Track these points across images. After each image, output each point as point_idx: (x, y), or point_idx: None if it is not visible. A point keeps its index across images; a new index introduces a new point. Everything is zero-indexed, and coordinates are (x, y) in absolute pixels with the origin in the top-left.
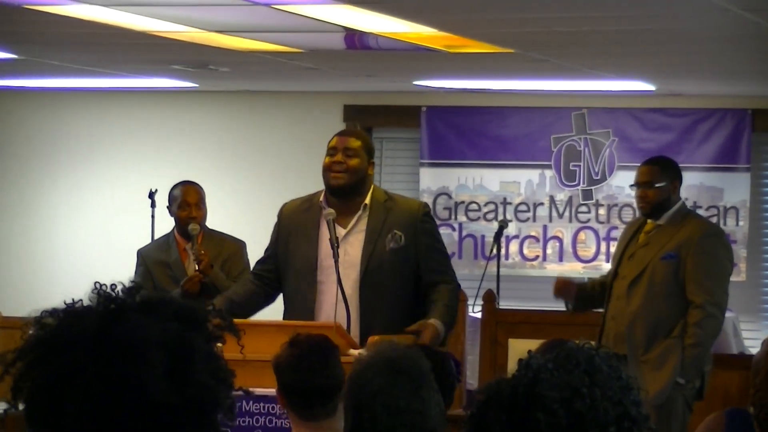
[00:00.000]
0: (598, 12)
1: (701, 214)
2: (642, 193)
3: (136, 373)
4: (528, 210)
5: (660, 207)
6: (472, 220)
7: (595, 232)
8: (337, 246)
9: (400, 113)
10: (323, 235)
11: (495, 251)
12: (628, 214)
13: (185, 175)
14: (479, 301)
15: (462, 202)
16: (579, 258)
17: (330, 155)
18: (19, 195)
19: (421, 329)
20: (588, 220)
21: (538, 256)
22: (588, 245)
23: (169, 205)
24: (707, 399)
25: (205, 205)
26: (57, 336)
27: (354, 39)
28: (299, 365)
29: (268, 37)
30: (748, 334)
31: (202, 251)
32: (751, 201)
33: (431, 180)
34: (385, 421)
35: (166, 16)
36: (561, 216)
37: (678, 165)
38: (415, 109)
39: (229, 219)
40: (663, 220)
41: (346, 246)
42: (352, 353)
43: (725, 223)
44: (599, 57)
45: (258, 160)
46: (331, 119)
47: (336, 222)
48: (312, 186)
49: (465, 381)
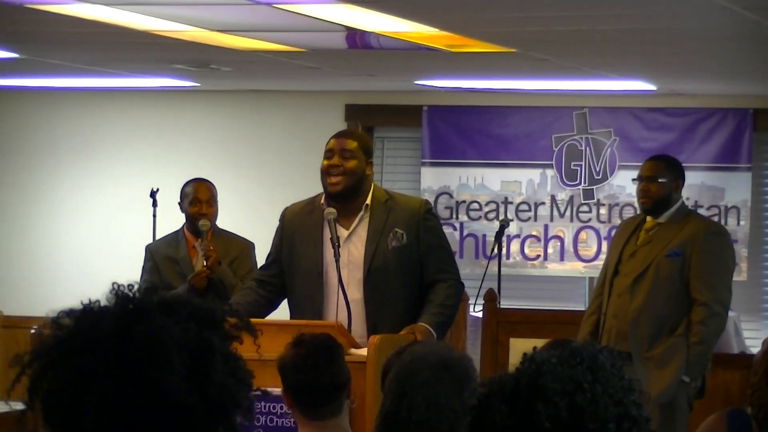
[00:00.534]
0: (599, 11)
1: (702, 213)
2: (644, 187)
3: (156, 375)
4: (529, 209)
5: (661, 203)
6: (473, 219)
7: (597, 231)
8: (338, 245)
9: (401, 113)
10: (327, 237)
11: (496, 251)
12: (629, 213)
13: (187, 175)
14: (480, 301)
15: (463, 201)
16: (580, 257)
17: (327, 158)
18: (21, 194)
19: (411, 333)
20: (589, 219)
21: (539, 255)
22: (589, 245)
23: (181, 201)
24: (708, 398)
25: (217, 204)
26: (75, 337)
27: (355, 38)
28: (305, 365)
29: (269, 37)
30: (749, 333)
31: (210, 247)
32: (753, 200)
33: (432, 179)
34: (423, 413)
35: (167, 15)
36: (562, 215)
37: (682, 166)
38: (417, 109)
39: (231, 218)
40: (664, 218)
41: (349, 247)
42: (353, 353)
43: (726, 223)
44: (600, 56)
45: (259, 159)
46: (333, 119)
47: (338, 223)
48: (313, 185)
49: None
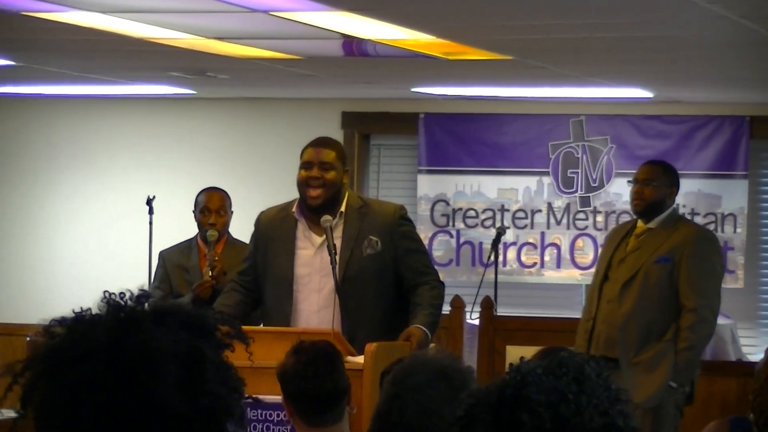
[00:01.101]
0: (596, 19)
1: (699, 221)
2: (639, 189)
3: (148, 385)
4: (526, 217)
5: (653, 208)
6: (469, 226)
7: (593, 239)
8: (335, 253)
9: (397, 120)
10: (299, 245)
11: (493, 258)
12: (626, 220)
13: (183, 183)
14: (477, 308)
15: (460, 208)
16: (577, 265)
17: (305, 169)
18: (17, 201)
19: (407, 337)
20: (586, 227)
21: (535, 263)
22: (586, 252)
23: (194, 209)
24: (704, 405)
25: (229, 212)
26: (68, 346)
27: (352, 46)
28: (306, 372)
29: (266, 44)
30: (745, 341)
31: (216, 257)
32: (749, 208)
33: (429, 187)
34: (413, 417)
35: (164, 23)
36: (559, 223)
37: (678, 174)
38: (413, 116)
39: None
40: (654, 223)
41: (321, 254)
42: (350, 360)
43: (723, 230)
44: (597, 64)
45: (256, 166)
46: (329, 126)
47: (311, 231)
48: None
49: None
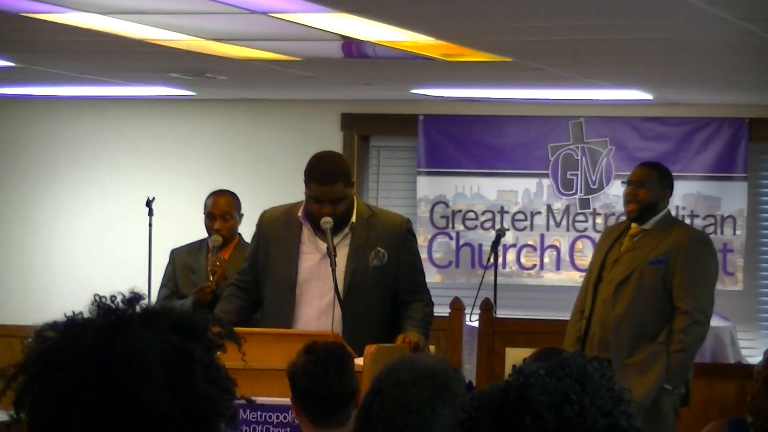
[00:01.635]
0: (595, 21)
1: (698, 223)
2: (632, 191)
3: (136, 387)
4: (525, 219)
5: (647, 210)
6: (469, 228)
7: (593, 241)
8: (334, 255)
9: (397, 122)
10: (303, 250)
11: (492, 260)
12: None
13: (182, 184)
14: (476, 310)
15: (459, 210)
16: (576, 267)
17: (316, 203)
18: (17, 203)
19: (405, 338)
20: (585, 229)
21: (535, 264)
22: (585, 254)
23: (204, 212)
24: (703, 408)
25: (238, 216)
26: (58, 350)
27: (351, 47)
28: (316, 372)
29: (265, 46)
30: (744, 343)
31: (217, 263)
32: (749, 210)
33: (428, 188)
34: (390, 412)
35: (163, 24)
36: (558, 225)
37: (672, 176)
38: (413, 118)
39: None
40: (649, 225)
41: (327, 261)
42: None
43: (722, 233)
44: (596, 66)
45: (255, 168)
46: (329, 127)
47: (316, 236)
48: None
49: None
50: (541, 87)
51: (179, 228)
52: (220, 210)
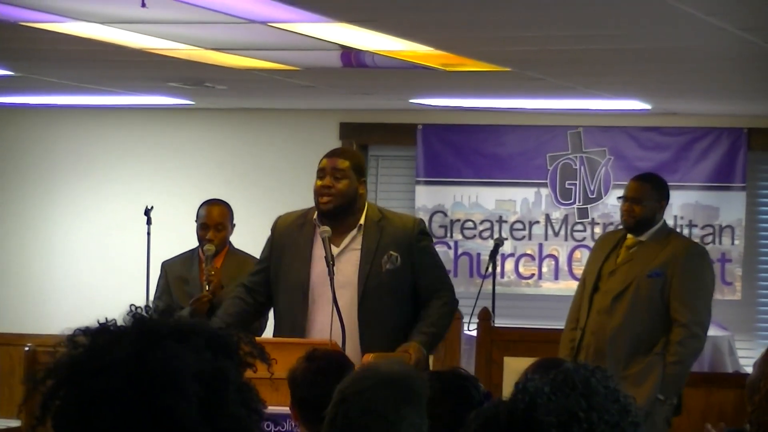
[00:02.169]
0: (594, 31)
1: (697, 232)
2: (628, 207)
3: (170, 404)
4: (524, 228)
5: (644, 223)
6: (467, 238)
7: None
8: (333, 264)
9: (396, 131)
10: (316, 254)
11: (490, 269)
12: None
13: (182, 192)
14: (475, 319)
15: (458, 220)
16: (574, 276)
17: (319, 177)
18: (16, 211)
19: (405, 351)
20: (584, 238)
21: (533, 274)
22: (583, 263)
23: (196, 221)
24: (702, 417)
25: (230, 225)
26: (90, 357)
27: (350, 57)
28: (315, 379)
29: (264, 55)
30: (743, 353)
31: (212, 272)
32: (747, 220)
33: (427, 198)
34: (357, 419)
35: (162, 33)
36: (557, 234)
37: (667, 185)
38: (411, 127)
39: None
40: (645, 236)
41: (339, 265)
42: None
43: (721, 242)
44: (595, 76)
45: (254, 177)
46: (327, 137)
47: (332, 242)
48: (308, 203)
49: None
50: (540, 97)
51: (178, 236)
52: (213, 220)
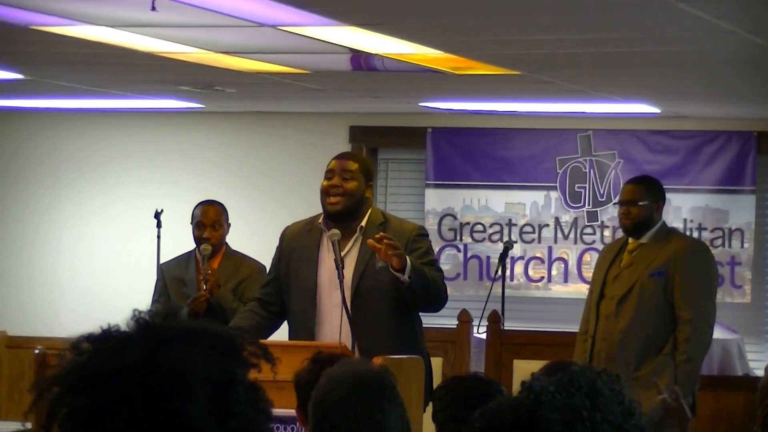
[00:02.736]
0: (603, 34)
1: (706, 236)
2: (626, 211)
3: (181, 407)
4: (533, 231)
5: (642, 225)
6: (477, 241)
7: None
8: (342, 267)
9: (405, 134)
10: (323, 258)
11: (500, 272)
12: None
13: (191, 196)
14: (484, 322)
15: (467, 223)
16: (584, 279)
17: (327, 178)
18: (26, 215)
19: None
20: (593, 241)
21: (543, 277)
22: (593, 266)
23: (191, 222)
24: (711, 420)
25: (226, 225)
26: (97, 363)
27: (360, 60)
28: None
29: (274, 59)
30: (752, 356)
31: (209, 271)
32: (756, 223)
33: (436, 201)
34: (344, 429)
35: (172, 37)
36: (566, 237)
37: (662, 185)
38: (421, 131)
39: (234, 239)
40: (645, 238)
41: (346, 267)
42: None
43: (730, 245)
44: (604, 79)
45: (263, 180)
46: (337, 140)
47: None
48: (317, 207)
49: None
50: (550, 100)
51: (188, 239)
52: (209, 219)
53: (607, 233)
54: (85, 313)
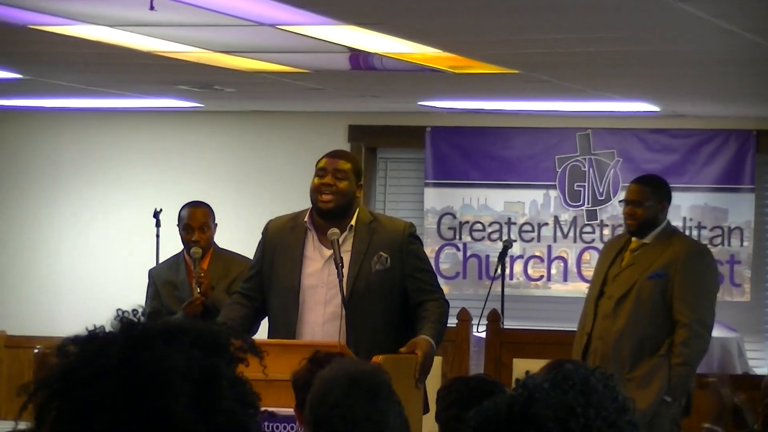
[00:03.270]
0: (602, 33)
1: (705, 234)
2: (630, 211)
3: (162, 405)
4: (532, 230)
5: (646, 225)
6: (476, 240)
7: (600, 252)
8: (341, 266)
9: (404, 133)
10: (307, 255)
11: (499, 271)
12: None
13: (190, 195)
14: (484, 321)
15: (466, 222)
16: (583, 278)
17: (319, 176)
18: (25, 214)
19: (414, 347)
20: (592, 240)
21: (542, 276)
22: (592, 265)
23: (177, 224)
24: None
25: (213, 225)
26: (80, 366)
27: (359, 59)
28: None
29: (273, 58)
30: (752, 354)
31: (202, 274)
32: (756, 221)
33: (436, 200)
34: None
35: (171, 36)
36: (565, 236)
37: (669, 186)
38: (420, 130)
39: (232, 239)
40: (648, 238)
41: (330, 267)
42: None
43: (729, 244)
44: (604, 78)
45: (262, 179)
46: (336, 139)
47: (321, 243)
48: None
49: None
50: (549, 99)
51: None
52: (197, 222)
53: (607, 232)
54: (85, 313)
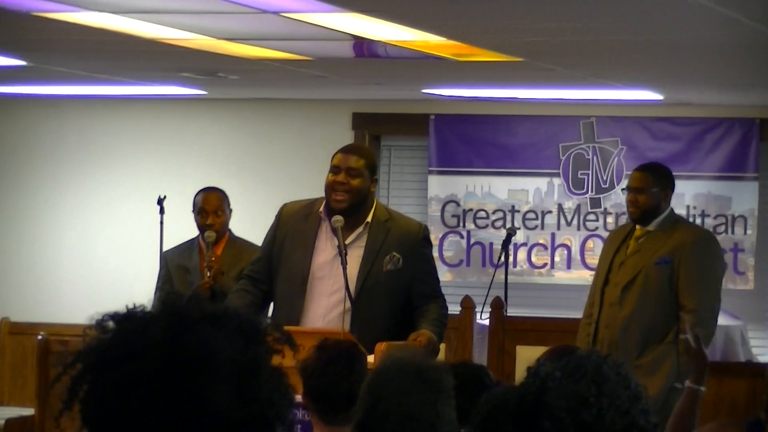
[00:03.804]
0: (606, 21)
1: (709, 222)
2: (633, 198)
3: (204, 388)
4: (536, 218)
5: (649, 213)
6: (480, 227)
7: (603, 240)
8: (345, 253)
9: (408, 121)
10: (319, 245)
11: (503, 259)
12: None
13: (194, 183)
14: (487, 309)
15: (470, 209)
16: (587, 266)
17: (333, 173)
18: (28, 201)
19: (416, 338)
20: (596, 228)
21: (546, 263)
22: (596, 253)
23: (192, 210)
24: (714, 407)
25: (228, 211)
26: (121, 342)
27: (362, 47)
28: (325, 370)
29: (277, 45)
30: (755, 342)
31: (212, 258)
32: (759, 210)
33: (439, 188)
34: (395, 423)
35: (175, 23)
36: (569, 224)
37: (671, 173)
38: (424, 117)
39: (236, 226)
40: (653, 226)
41: (340, 259)
42: None
43: (733, 232)
44: (607, 66)
45: (266, 167)
46: (340, 127)
47: (333, 234)
48: (320, 193)
49: None
50: (552, 87)
51: (191, 226)
52: (212, 206)
53: (610, 220)
54: (88, 300)
